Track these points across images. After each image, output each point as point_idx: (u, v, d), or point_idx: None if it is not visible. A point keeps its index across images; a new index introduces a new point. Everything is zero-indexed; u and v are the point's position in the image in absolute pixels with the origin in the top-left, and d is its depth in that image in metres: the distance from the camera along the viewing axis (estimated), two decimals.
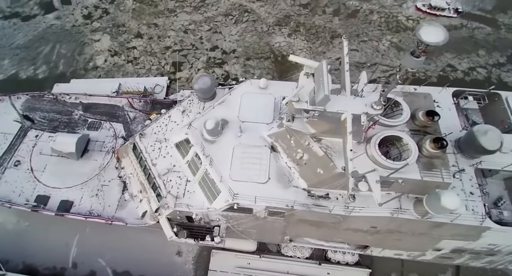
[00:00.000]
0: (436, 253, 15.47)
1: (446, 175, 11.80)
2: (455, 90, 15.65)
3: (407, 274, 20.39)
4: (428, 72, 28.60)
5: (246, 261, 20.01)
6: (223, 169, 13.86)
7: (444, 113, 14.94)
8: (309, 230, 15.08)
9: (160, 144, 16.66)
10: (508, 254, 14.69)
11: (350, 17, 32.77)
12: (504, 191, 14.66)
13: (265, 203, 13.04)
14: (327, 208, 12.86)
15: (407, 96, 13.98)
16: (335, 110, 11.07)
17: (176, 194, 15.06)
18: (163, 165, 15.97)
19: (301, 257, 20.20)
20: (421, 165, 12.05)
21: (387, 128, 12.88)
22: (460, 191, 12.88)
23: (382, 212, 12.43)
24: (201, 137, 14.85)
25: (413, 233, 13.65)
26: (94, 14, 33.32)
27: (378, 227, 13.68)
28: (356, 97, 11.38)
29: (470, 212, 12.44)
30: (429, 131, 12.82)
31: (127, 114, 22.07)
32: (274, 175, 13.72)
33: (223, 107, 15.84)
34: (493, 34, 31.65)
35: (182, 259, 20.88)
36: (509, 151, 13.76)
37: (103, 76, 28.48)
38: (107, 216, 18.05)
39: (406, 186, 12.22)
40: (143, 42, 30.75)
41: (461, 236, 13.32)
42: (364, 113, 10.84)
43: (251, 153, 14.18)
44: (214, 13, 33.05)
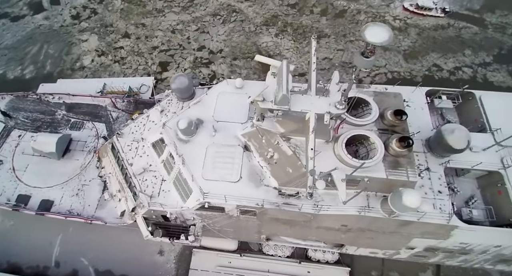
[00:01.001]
0: (410, 251, 15.57)
1: (411, 174, 11.91)
2: (429, 89, 15.75)
3: (387, 272, 20.51)
4: (413, 72, 28.70)
5: (227, 260, 20.14)
6: (196, 168, 13.95)
7: (416, 113, 15.12)
8: (282, 228, 15.20)
9: (137, 143, 16.75)
10: (481, 253, 14.78)
11: (338, 17, 32.85)
12: (476, 190, 14.79)
13: (235, 201, 13.14)
14: (297, 206, 12.97)
15: (378, 95, 14.10)
16: (299, 110, 11.18)
17: (151, 193, 15.17)
18: (140, 165, 16.07)
19: (282, 256, 20.32)
20: (387, 164, 12.16)
21: (356, 128, 13.00)
22: (428, 189, 12.99)
23: (349, 210, 12.54)
24: (175, 137, 14.95)
25: (383, 231, 13.76)
26: (83, 14, 33.41)
27: (348, 225, 13.79)
28: (320, 97, 11.47)
29: (437, 210, 12.55)
30: (397, 130, 12.93)
31: (110, 114, 22.15)
32: (246, 174, 13.81)
33: (199, 106, 15.93)
34: (480, 33, 31.75)
35: (164, 258, 21.00)
36: (480, 150, 13.89)
37: (90, 76, 28.58)
38: (86, 215, 18.17)
39: (373, 185, 12.34)
40: (130, 42, 30.84)
41: (430, 234, 13.43)
42: (327, 112, 10.94)
43: (224, 152, 14.27)
44: (202, 13, 33.15)
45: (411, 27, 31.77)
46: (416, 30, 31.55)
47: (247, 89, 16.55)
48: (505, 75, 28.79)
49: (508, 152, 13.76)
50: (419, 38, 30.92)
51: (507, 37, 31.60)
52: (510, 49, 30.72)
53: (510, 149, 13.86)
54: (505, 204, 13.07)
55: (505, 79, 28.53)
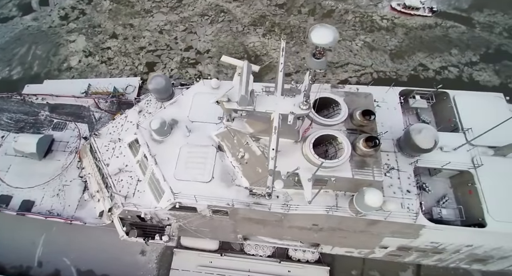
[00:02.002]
0: (384, 250, 15.63)
1: (377, 174, 11.96)
2: (403, 89, 15.79)
3: (367, 271, 20.57)
4: (399, 72, 28.73)
5: (208, 260, 20.23)
6: (168, 168, 14.03)
7: (389, 112, 15.19)
8: (256, 228, 15.28)
9: (115, 144, 16.84)
10: (454, 253, 14.83)
11: (325, 17, 32.88)
12: (449, 190, 14.83)
13: (206, 201, 13.22)
14: (267, 206, 13.04)
15: (348, 95, 14.15)
16: (263, 110, 11.24)
17: (126, 193, 15.25)
18: (116, 165, 16.16)
19: (263, 255, 20.39)
20: (353, 164, 12.22)
21: (325, 128, 13.05)
22: (397, 189, 13.04)
23: (317, 210, 12.62)
24: (149, 137, 15.04)
25: (354, 230, 13.83)
26: (71, 15, 33.49)
27: (319, 225, 13.85)
28: (286, 97, 11.53)
29: (405, 210, 12.61)
30: (365, 130, 12.97)
31: (93, 114, 22.25)
32: (218, 174, 13.88)
33: (175, 107, 16.02)
34: (467, 32, 31.76)
35: (145, 258, 21.08)
36: (451, 149, 13.94)
37: (77, 77, 28.65)
38: (67, 215, 18.27)
39: (340, 184, 12.43)
40: (118, 42, 30.91)
41: (400, 233, 13.49)
42: (291, 112, 11.00)
43: (197, 152, 14.35)
44: (190, 13, 33.21)
45: (398, 27, 31.80)
46: (403, 29, 31.58)
47: (223, 89, 16.49)
48: (491, 75, 28.81)
49: (479, 152, 13.82)
50: (406, 38, 30.95)
51: (494, 36, 31.62)
52: (497, 48, 30.75)
53: (481, 148, 13.92)
54: (474, 203, 13.11)
55: (491, 79, 28.56)
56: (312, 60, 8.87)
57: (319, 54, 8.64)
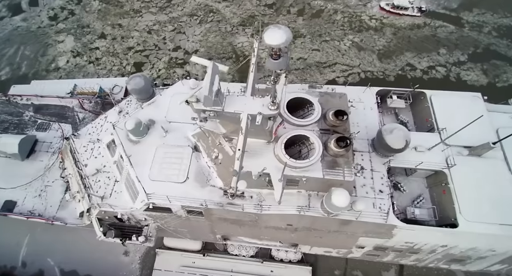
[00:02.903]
0: (362, 250, 15.63)
1: (347, 174, 11.95)
2: (380, 89, 15.77)
3: (350, 271, 20.60)
4: (386, 71, 28.74)
5: (191, 260, 20.25)
6: (144, 169, 14.02)
7: (365, 113, 15.17)
8: (233, 228, 15.27)
9: (93, 144, 16.85)
10: (431, 253, 14.83)
11: (314, 17, 32.90)
12: (425, 189, 14.83)
13: (179, 202, 13.21)
14: (240, 206, 13.04)
15: (323, 96, 14.13)
16: (232, 110, 11.23)
17: (103, 194, 15.25)
18: (94, 166, 16.15)
19: (246, 255, 20.43)
20: (325, 164, 12.20)
21: (298, 128, 13.05)
22: (369, 189, 13.03)
23: (289, 210, 12.61)
24: (126, 138, 15.03)
25: (328, 230, 13.83)
26: (60, 16, 33.52)
27: (294, 225, 13.85)
28: (255, 98, 11.51)
29: (377, 209, 12.60)
30: (338, 131, 12.94)
31: (77, 115, 22.21)
32: (193, 174, 13.87)
33: (152, 107, 16.01)
34: (456, 32, 31.78)
35: (129, 259, 21.11)
36: (425, 149, 13.94)
37: (64, 77, 28.70)
38: (48, 216, 18.26)
39: (311, 185, 12.42)
40: (106, 42, 30.94)
41: (374, 233, 13.49)
42: (259, 113, 10.99)
43: (172, 153, 14.33)
44: (179, 14, 33.23)
45: (387, 27, 31.81)
46: (392, 29, 31.60)
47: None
48: (479, 74, 28.83)
49: (454, 152, 13.81)
50: (394, 38, 30.97)
51: (483, 36, 31.64)
52: (486, 48, 30.78)
53: (455, 148, 13.91)
54: (448, 203, 13.10)
55: (479, 78, 28.59)
56: (270, 61, 8.86)
57: (275, 55, 8.63)
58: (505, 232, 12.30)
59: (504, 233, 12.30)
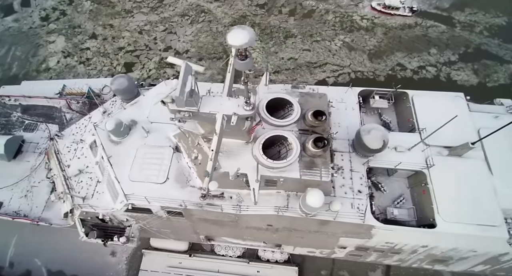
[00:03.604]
0: (344, 250, 15.61)
1: (324, 174, 11.93)
2: (362, 89, 15.75)
3: (337, 271, 20.59)
4: (377, 72, 28.72)
5: (177, 261, 20.25)
6: (124, 169, 14.02)
7: (347, 113, 15.16)
8: (215, 229, 15.27)
9: (77, 145, 16.85)
10: (412, 253, 14.81)
11: (306, 17, 32.89)
12: (407, 190, 14.81)
13: (158, 203, 13.21)
14: (219, 207, 13.03)
15: (303, 96, 14.10)
16: (207, 111, 11.21)
17: (84, 195, 15.25)
18: (77, 166, 16.16)
19: (233, 256, 20.42)
20: (302, 164, 12.18)
21: (277, 128, 13.03)
22: (348, 189, 13.02)
23: (267, 210, 12.61)
24: (107, 138, 15.03)
25: (308, 230, 13.82)
26: (52, 16, 33.50)
27: (274, 225, 13.84)
28: (231, 98, 11.50)
29: (355, 210, 12.59)
30: (317, 131, 12.91)
31: (64, 115, 22.20)
32: (173, 175, 13.86)
33: (135, 108, 16.01)
34: (447, 32, 31.77)
35: (116, 259, 21.11)
36: (405, 149, 13.92)
37: (54, 78, 28.68)
38: (33, 216, 18.27)
39: (289, 185, 12.40)
40: (97, 43, 30.93)
41: (353, 234, 13.47)
42: (234, 113, 10.98)
43: (153, 153, 14.33)
44: (170, 14, 33.22)
45: (378, 27, 31.79)
46: (383, 29, 31.58)
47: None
48: (469, 74, 28.82)
49: (434, 152, 13.79)
50: (385, 38, 30.95)
51: (474, 35, 31.63)
52: (477, 48, 30.76)
53: (436, 148, 13.90)
54: (427, 204, 13.08)
55: (469, 78, 28.57)
56: (237, 61, 8.85)
57: (241, 55, 8.62)
58: (483, 232, 12.28)
59: (482, 234, 12.28)
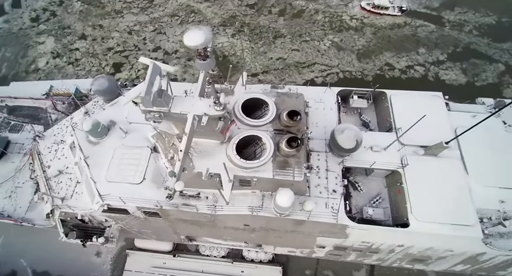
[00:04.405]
0: (323, 250, 15.61)
1: (297, 174, 11.95)
2: (341, 89, 15.77)
3: (321, 271, 20.61)
4: (365, 71, 28.73)
5: (161, 261, 20.28)
6: (101, 170, 14.04)
7: (325, 113, 15.18)
8: (193, 229, 15.28)
9: (57, 146, 16.87)
10: (390, 252, 14.81)
11: (295, 17, 32.90)
12: (384, 189, 14.82)
13: (134, 203, 13.23)
14: (194, 207, 13.05)
15: (280, 96, 14.12)
16: (178, 111, 11.23)
17: (64, 195, 15.27)
18: (57, 167, 16.18)
19: (217, 256, 20.46)
20: (276, 164, 12.20)
21: (252, 128, 13.05)
22: (323, 189, 13.03)
23: (241, 210, 12.62)
24: (86, 139, 15.06)
25: (285, 230, 13.83)
26: (42, 17, 33.53)
27: (250, 225, 13.86)
28: (202, 99, 11.51)
29: (329, 209, 12.60)
30: (292, 131, 12.93)
31: (50, 116, 22.21)
32: (150, 175, 13.87)
33: (114, 108, 16.04)
34: (436, 31, 31.77)
35: (100, 260, 21.15)
36: (381, 149, 13.93)
37: (43, 78, 28.72)
38: (17, 217, 18.30)
39: (263, 185, 12.41)
40: (86, 43, 30.95)
41: (329, 233, 13.47)
42: (204, 114, 11.00)
43: (130, 154, 14.34)
44: (160, 14, 33.24)
45: (367, 27, 31.80)
46: (372, 29, 31.59)
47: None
48: (458, 73, 28.82)
49: (410, 151, 13.80)
50: (374, 38, 30.95)
51: (464, 35, 31.63)
52: (466, 47, 30.76)
53: (412, 148, 13.91)
54: (402, 203, 13.10)
55: (458, 77, 28.57)
56: (197, 61, 8.87)
57: (200, 56, 8.64)
58: (457, 232, 12.28)
59: (456, 234, 12.28)
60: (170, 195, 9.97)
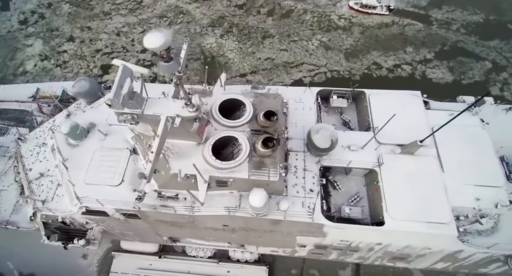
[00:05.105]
0: (305, 249, 15.68)
1: (272, 174, 12.01)
2: (321, 89, 15.84)
3: (307, 270, 20.69)
4: (353, 71, 28.84)
5: (147, 262, 20.30)
6: (80, 172, 14.06)
7: (304, 113, 15.24)
8: (175, 230, 15.33)
9: (39, 148, 16.88)
10: (369, 251, 14.91)
11: (284, 17, 32.97)
12: (363, 188, 14.89)
13: (112, 205, 13.25)
14: (173, 208, 13.09)
15: (258, 97, 14.18)
16: (151, 113, 11.27)
17: (45, 198, 15.28)
18: (38, 170, 16.19)
19: (204, 256, 20.50)
20: (252, 164, 12.25)
21: (229, 129, 13.11)
22: (300, 188, 13.10)
23: (218, 211, 12.67)
24: (65, 141, 15.07)
25: (264, 230, 13.89)
26: (30, 19, 33.45)
27: (229, 225, 13.92)
28: (176, 100, 11.55)
29: (305, 209, 12.67)
30: (268, 131, 12.98)
31: (35, 119, 22.20)
32: (128, 177, 13.89)
33: (94, 110, 16.06)
34: (424, 30, 31.91)
35: (87, 262, 21.14)
36: (358, 148, 14.01)
37: (31, 81, 28.65)
38: (1, 220, 18.29)
39: (240, 185, 12.46)
40: (74, 45, 30.91)
41: (307, 232, 13.54)
42: (177, 115, 11.04)
43: (110, 156, 14.36)
44: (149, 15, 33.23)
45: (355, 26, 31.91)
46: (360, 28, 31.69)
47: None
48: (444, 71, 28.97)
49: (386, 150, 13.89)
50: (362, 37, 31.06)
51: (451, 33, 31.79)
52: (453, 45, 30.92)
53: (389, 146, 14.00)
54: (378, 201, 13.18)
55: (444, 76, 28.72)
56: (161, 63, 8.92)
57: (162, 58, 8.68)
58: (432, 230, 12.37)
59: (431, 231, 12.37)
60: (140, 197, 9.98)
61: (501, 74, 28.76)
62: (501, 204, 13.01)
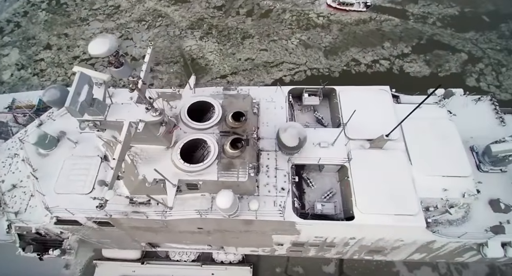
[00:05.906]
0: (283, 247, 15.77)
1: (241, 175, 12.06)
2: (292, 88, 15.94)
3: (291, 268, 20.81)
4: (332, 68, 29.09)
5: (131, 269, 20.17)
6: (50, 182, 13.90)
7: (276, 112, 15.32)
8: (151, 235, 15.27)
9: (12, 159, 16.62)
10: (345, 245, 15.07)
11: (263, 17, 33.08)
12: (337, 184, 15.05)
13: (83, 214, 13.14)
14: (144, 214, 13.04)
15: (227, 98, 14.22)
16: (114, 119, 11.22)
17: (17, 209, 15.06)
18: (10, 181, 15.94)
19: (187, 260, 20.43)
20: (221, 166, 12.28)
21: (199, 132, 13.11)
22: (272, 187, 13.18)
23: (190, 214, 12.67)
24: (35, 151, 14.89)
25: (239, 230, 13.93)
26: (6, 29, 32.93)
27: (204, 228, 13.92)
28: (139, 105, 11.51)
29: (277, 207, 12.75)
30: (238, 132, 13.01)
31: (11, 129, 21.87)
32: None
33: (65, 118, 15.88)
34: (401, 25, 32.36)
35: (69, 272, 20.91)
36: (329, 145, 14.15)
37: (8, 91, 28.19)
38: None
39: (210, 187, 12.48)
40: (51, 53, 30.53)
41: (282, 231, 13.63)
42: (140, 120, 11.01)
43: (80, 164, 14.23)
44: (127, 20, 33.00)
45: (334, 24, 32.19)
46: (338, 26, 31.99)
47: (117, 98, 16.48)
48: (421, 65, 29.42)
49: (356, 145, 14.06)
50: (340, 34, 31.36)
51: (427, 27, 32.30)
52: (430, 39, 31.42)
53: (358, 142, 14.16)
54: (348, 196, 13.34)
55: (422, 69, 29.17)
56: (111, 69, 8.89)
57: (110, 64, 8.66)
58: (401, 222, 12.54)
59: (400, 224, 12.57)
60: (101, 204, 9.93)
61: (477, 65, 29.34)
62: (468, 193, 13.25)
